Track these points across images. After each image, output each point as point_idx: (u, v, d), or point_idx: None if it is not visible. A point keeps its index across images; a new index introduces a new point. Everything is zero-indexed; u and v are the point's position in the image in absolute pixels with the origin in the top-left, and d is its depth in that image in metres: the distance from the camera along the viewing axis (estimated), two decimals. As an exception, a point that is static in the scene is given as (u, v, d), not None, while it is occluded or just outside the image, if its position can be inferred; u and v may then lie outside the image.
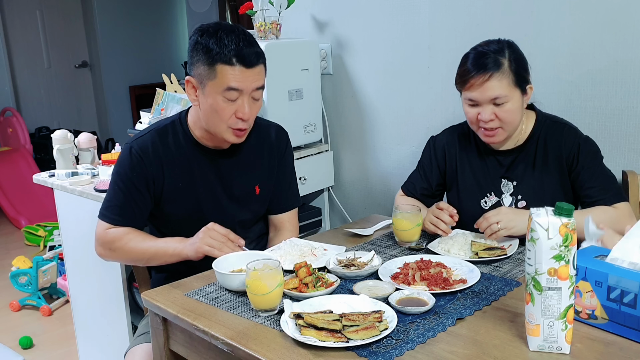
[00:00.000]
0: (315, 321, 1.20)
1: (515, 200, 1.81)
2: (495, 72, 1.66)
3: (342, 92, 2.82)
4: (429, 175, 1.96)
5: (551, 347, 1.14)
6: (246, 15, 2.64)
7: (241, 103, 1.63)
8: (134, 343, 1.75)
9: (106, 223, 1.75)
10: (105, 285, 2.37)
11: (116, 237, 1.74)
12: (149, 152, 1.73)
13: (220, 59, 1.59)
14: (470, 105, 1.73)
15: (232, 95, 1.62)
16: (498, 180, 1.84)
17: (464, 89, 1.73)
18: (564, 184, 1.78)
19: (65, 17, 6.33)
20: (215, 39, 1.60)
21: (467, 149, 1.90)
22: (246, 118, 1.65)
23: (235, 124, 1.66)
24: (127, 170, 1.73)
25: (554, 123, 1.81)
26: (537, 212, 1.13)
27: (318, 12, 2.82)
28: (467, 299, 1.37)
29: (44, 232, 4.42)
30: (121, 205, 1.74)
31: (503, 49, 1.71)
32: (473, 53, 1.74)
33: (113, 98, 6.53)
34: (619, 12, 1.95)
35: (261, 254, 1.58)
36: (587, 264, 1.23)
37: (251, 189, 1.83)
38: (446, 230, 1.73)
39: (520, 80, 1.70)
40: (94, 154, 2.63)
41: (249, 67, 1.61)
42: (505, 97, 1.68)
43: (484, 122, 1.71)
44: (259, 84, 1.65)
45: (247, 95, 1.63)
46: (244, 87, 1.62)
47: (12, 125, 5.60)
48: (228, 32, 1.61)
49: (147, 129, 1.80)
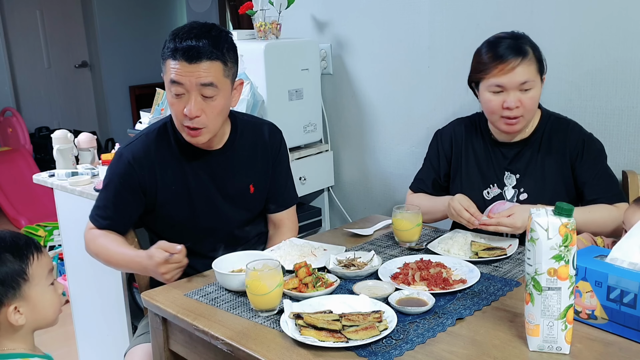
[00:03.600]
0: (315, 321, 1.20)
1: (517, 193, 1.82)
2: (524, 57, 1.69)
3: (342, 92, 2.82)
4: (436, 167, 1.97)
5: (551, 347, 1.14)
6: (246, 15, 2.64)
7: (187, 99, 1.59)
8: (134, 343, 1.75)
9: (90, 223, 1.79)
10: (105, 286, 2.37)
11: (92, 238, 1.77)
12: (141, 159, 1.71)
13: (167, 54, 1.58)
14: (495, 93, 1.73)
15: (178, 90, 1.58)
16: (501, 172, 1.85)
17: (487, 76, 1.73)
18: (566, 179, 1.79)
19: (65, 17, 6.33)
20: (171, 36, 1.59)
21: (473, 139, 1.91)
22: (191, 116, 1.58)
23: (186, 121, 1.61)
24: (115, 177, 1.74)
25: (559, 119, 1.84)
26: (537, 212, 1.13)
27: (318, 12, 2.82)
28: (466, 299, 1.37)
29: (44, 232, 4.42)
30: (105, 208, 1.76)
31: (524, 37, 1.75)
32: (492, 42, 1.75)
33: (113, 98, 6.53)
34: (619, 12, 1.94)
35: (261, 254, 1.57)
36: (586, 264, 1.23)
37: (245, 188, 1.81)
38: (470, 220, 1.67)
39: (541, 68, 1.74)
40: (93, 154, 2.63)
41: (191, 62, 1.54)
42: (533, 82, 1.71)
43: (509, 109, 1.71)
44: (205, 80, 1.56)
45: (193, 91, 1.57)
46: (185, 81, 1.56)
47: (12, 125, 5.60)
48: (188, 29, 1.58)
49: (138, 134, 1.79)
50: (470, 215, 1.67)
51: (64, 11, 6.31)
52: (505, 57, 1.70)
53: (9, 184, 5.16)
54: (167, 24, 6.85)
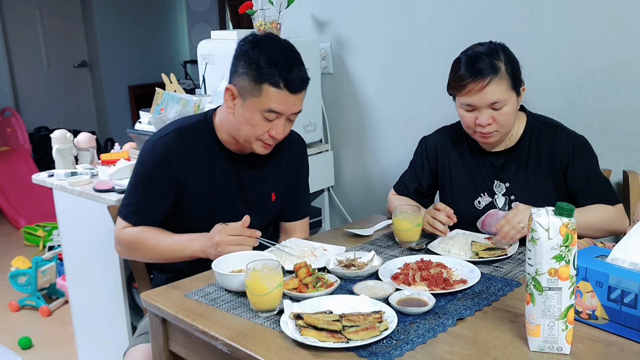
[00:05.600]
0: (315, 322, 1.20)
1: (508, 201, 1.81)
2: (494, 76, 1.65)
3: (342, 92, 2.82)
4: (420, 175, 1.96)
5: (552, 347, 1.14)
6: (246, 15, 2.63)
7: (278, 123, 1.64)
8: (133, 343, 1.75)
9: (123, 221, 1.75)
10: (104, 286, 2.37)
11: (132, 237, 1.74)
12: (174, 152, 1.71)
13: (268, 80, 1.58)
14: (467, 110, 1.72)
15: (271, 116, 1.62)
16: (491, 180, 1.83)
17: (460, 94, 1.71)
18: (557, 185, 1.78)
19: (64, 16, 6.32)
20: (266, 58, 1.58)
21: (459, 150, 1.90)
22: (279, 138, 1.67)
23: (266, 139, 1.67)
24: (148, 170, 1.72)
25: (545, 124, 1.81)
26: (537, 212, 1.12)
27: (318, 12, 2.82)
28: (467, 300, 1.37)
29: (43, 232, 4.42)
30: (138, 204, 1.73)
31: (498, 52, 1.69)
32: (466, 57, 1.71)
33: (112, 98, 6.52)
34: (620, 12, 1.94)
35: (261, 254, 1.57)
36: (587, 264, 1.22)
37: (267, 196, 1.83)
38: (444, 231, 1.72)
39: (516, 83, 1.70)
40: (93, 153, 2.63)
41: (294, 93, 1.61)
42: (504, 101, 1.67)
43: (481, 126, 1.70)
44: (298, 108, 1.66)
45: (285, 117, 1.64)
46: (285, 110, 1.62)
47: (11, 125, 5.60)
48: (279, 52, 1.60)
49: (169, 127, 1.78)
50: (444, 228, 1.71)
51: (63, 10, 6.31)
52: (474, 77, 1.65)
53: (8, 184, 5.16)
54: (166, 23, 6.85)
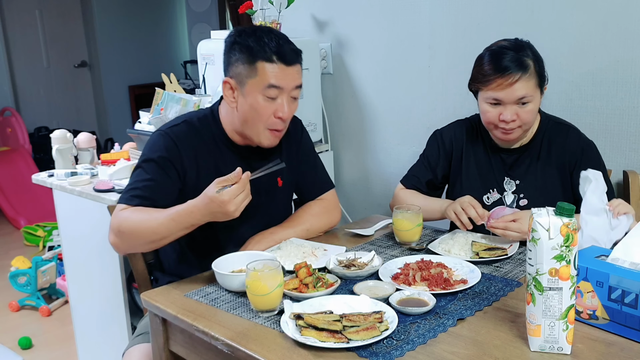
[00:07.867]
0: (315, 322, 1.20)
1: (517, 199, 1.81)
2: (524, 73, 1.66)
3: (342, 92, 2.82)
4: (434, 167, 1.95)
5: (552, 347, 1.14)
6: (246, 15, 2.63)
7: (281, 102, 1.63)
8: (132, 343, 1.74)
9: (122, 205, 1.62)
10: (104, 286, 2.37)
11: (124, 216, 1.58)
12: (184, 140, 1.69)
13: (261, 57, 1.58)
14: (492, 105, 1.72)
15: (273, 93, 1.61)
16: (501, 177, 1.84)
17: (485, 88, 1.71)
18: (565, 184, 1.79)
19: (64, 16, 6.32)
20: (254, 38, 1.60)
21: (473, 144, 1.90)
22: (285, 117, 1.64)
23: (274, 124, 1.65)
24: (155, 154, 1.65)
25: (558, 124, 1.82)
26: (538, 212, 1.12)
27: (318, 12, 2.82)
28: (467, 300, 1.37)
29: (43, 232, 4.42)
30: (143, 188, 1.62)
31: (526, 49, 1.70)
32: (493, 52, 1.72)
33: (112, 98, 6.52)
34: (620, 12, 1.94)
35: (261, 254, 1.57)
36: (588, 264, 1.22)
37: (274, 182, 1.81)
38: (466, 225, 1.70)
39: (542, 81, 1.72)
40: (93, 153, 2.63)
41: (289, 65, 1.61)
42: (531, 97, 1.68)
43: (505, 122, 1.70)
44: (298, 82, 1.64)
45: (287, 94, 1.63)
46: (284, 84, 1.61)
47: (11, 125, 5.60)
48: (266, 32, 1.62)
49: (178, 119, 1.76)
50: (468, 221, 1.69)
51: (63, 11, 6.31)
52: (505, 71, 1.66)
53: (8, 184, 5.15)
54: (166, 23, 6.85)
